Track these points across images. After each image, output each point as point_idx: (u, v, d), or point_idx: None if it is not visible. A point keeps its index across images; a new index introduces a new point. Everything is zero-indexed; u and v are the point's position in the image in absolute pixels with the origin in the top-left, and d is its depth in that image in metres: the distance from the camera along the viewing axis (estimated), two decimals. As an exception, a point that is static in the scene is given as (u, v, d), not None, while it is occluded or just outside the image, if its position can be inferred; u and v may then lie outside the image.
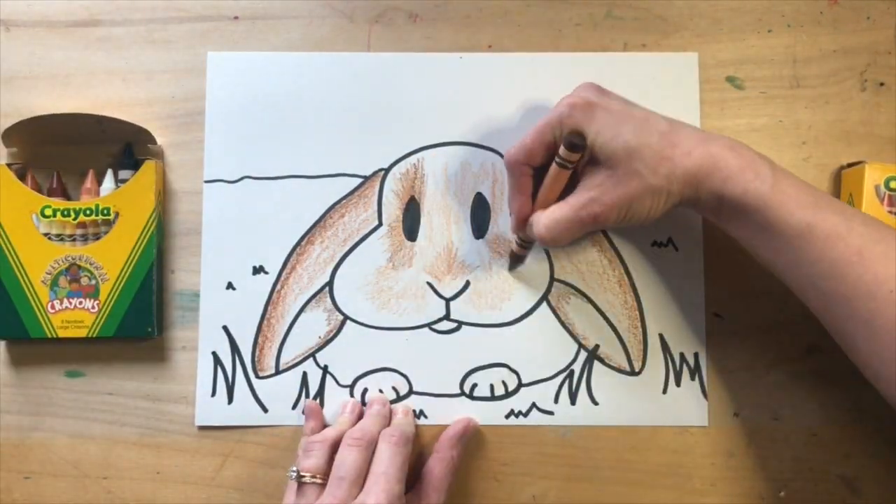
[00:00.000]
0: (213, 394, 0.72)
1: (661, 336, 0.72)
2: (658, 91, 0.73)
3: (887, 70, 0.74)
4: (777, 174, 0.60)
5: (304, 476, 0.64)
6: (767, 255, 0.62)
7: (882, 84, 0.74)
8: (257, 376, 0.72)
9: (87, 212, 0.70)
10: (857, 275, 0.57)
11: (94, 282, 0.70)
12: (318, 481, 0.64)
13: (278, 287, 0.72)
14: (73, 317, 0.70)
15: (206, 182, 0.73)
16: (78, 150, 0.73)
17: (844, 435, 0.72)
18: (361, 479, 0.64)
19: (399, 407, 0.72)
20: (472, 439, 0.72)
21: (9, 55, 0.74)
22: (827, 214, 0.58)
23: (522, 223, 0.68)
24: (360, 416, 0.71)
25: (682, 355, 0.72)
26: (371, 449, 0.65)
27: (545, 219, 0.65)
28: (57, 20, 0.74)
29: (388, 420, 0.71)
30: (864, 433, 0.72)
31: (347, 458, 0.64)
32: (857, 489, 0.71)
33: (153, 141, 0.72)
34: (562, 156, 0.63)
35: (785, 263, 0.61)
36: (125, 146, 0.72)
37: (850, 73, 0.74)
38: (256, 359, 0.72)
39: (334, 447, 0.66)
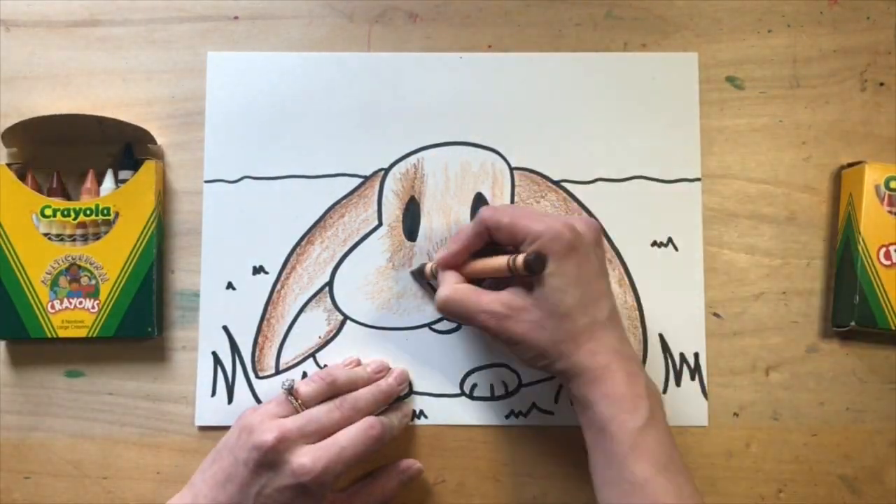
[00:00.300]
0: (213, 394, 0.72)
1: (660, 336, 0.72)
2: (658, 91, 0.74)
3: (887, 70, 0.74)
4: (652, 421, 0.60)
5: (293, 397, 0.66)
6: (598, 479, 0.62)
7: (882, 84, 0.74)
8: (257, 376, 0.72)
9: (87, 212, 0.70)
10: None
11: (94, 282, 0.70)
12: (298, 407, 0.65)
13: (278, 287, 0.72)
14: (73, 317, 0.70)
15: (206, 182, 0.73)
16: (77, 150, 0.73)
17: (844, 435, 0.72)
18: (325, 435, 0.64)
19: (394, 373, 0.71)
20: (472, 443, 0.72)
21: (9, 55, 0.74)
22: (666, 481, 0.59)
23: (446, 266, 0.67)
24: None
25: (681, 355, 0.72)
26: (351, 421, 0.66)
27: (451, 291, 0.65)
28: (57, 20, 0.74)
29: (392, 398, 0.70)
30: (864, 433, 0.72)
31: (326, 414, 0.65)
32: (857, 489, 0.71)
33: (153, 141, 0.72)
34: (517, 265, 0.61)
35: (608, 496, 0.61)
36: (125, 146, 0.72)
37: (850, 73, 0.74)
38: (256, 359, 0.72)
39: (332, 395, 0.67)
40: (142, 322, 0.71)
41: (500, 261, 0.63)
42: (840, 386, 0.72)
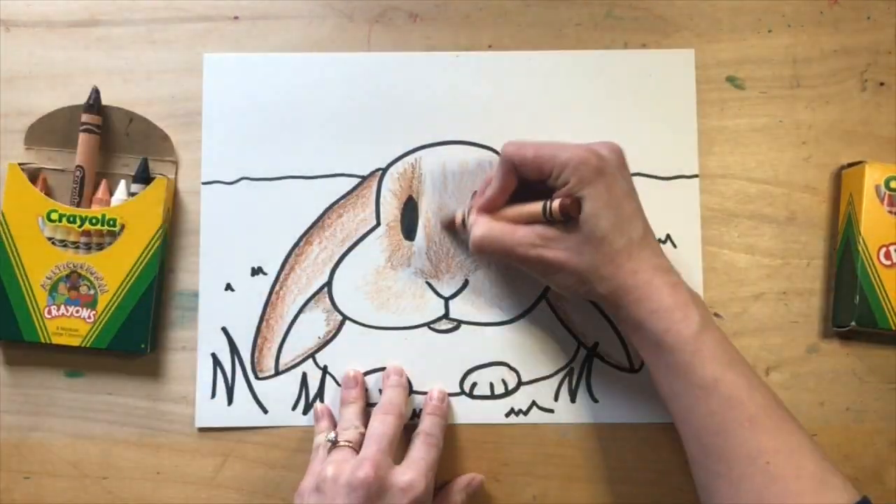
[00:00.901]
0: (213, 395, 0.72)
1: (660, 335, 0.72)
2: (655, 88, 0.74)
3: (887, 70, 0.74)
4: (704, 324, 0.61)
5: (340, 442, 0.65)
6: (667, 394, 0.63)
7: (882, 84, 0.74)
8: (257, 377, 0.72)
9: (94, 220, 0.70)
10: (742, 439, 0.58)
11: (92, 292, 0.70)
12: (354, 447, 0.65)
13: (277, 288, 0.72)
14: (69, 324, 0.70)
15: (204, 183, 0.73)
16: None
17: (844, 435, 0.72)
18: (394, 446, 0.65)
19: (434, 394, 0.71)
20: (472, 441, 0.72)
21: (9, 55, 0.74)
22: (736, 376, 0.60)
23: (489, 210, 0.67)
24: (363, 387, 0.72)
25: (681, 354, 0.72)
26: (402, 419, 0.67)
27: (486, 230, 0.66)
28: (57, 20, 0.74)
29: (406, 388, 0.71)
30: (864, 433, 0.72)
31: (381, 426, 0.65)
32: (857, 489, 0.71)
33: (171, 152, 0.73)
34: (553, 210, 0.63)
35: (682, 407, 0.61)
36: (142, 160, 0.72)
37: (850, 73, 0.74)
38: (256, 360, 0.72)
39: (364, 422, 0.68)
40: (135, 338, 0.71)
41: (534, 207, 0.64)
42: (840, 386, 0.72)
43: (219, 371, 0.72)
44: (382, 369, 0.72)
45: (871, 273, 0.69)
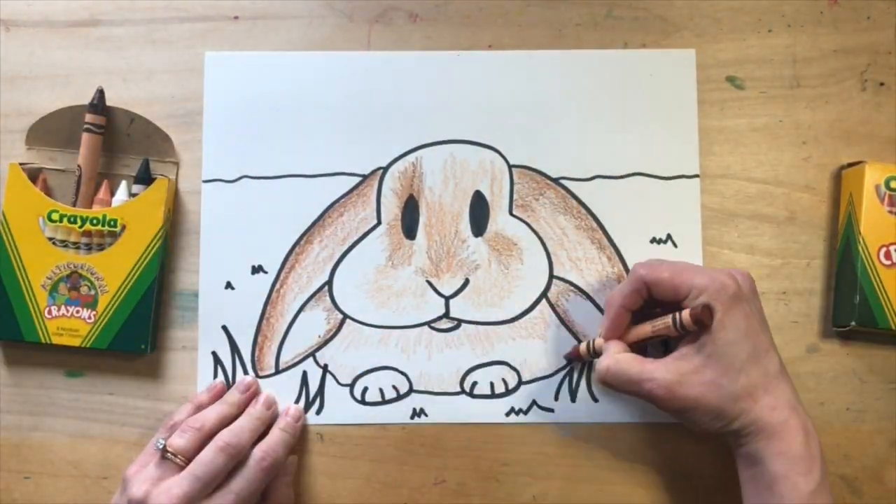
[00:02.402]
0: (213, 394, 0.72)
1: (661, 334, 0.72)
2: (655, 88, 0.74)
3: (887, 70, 0.74)
4: (823, 484, 0.60)
5: (168, 453, 0.63)
6: None
7: (882, 84, 0.74)
8: (257, 376, 0.72)
9: (94, 221, 0.70)
10: None
11: (93, 292, 0.70)
12: (180, 462, 0.63)
13: (277, 286, 0.72)
14: (69, 325, 0.70)
15: (205, 182, 0.73)
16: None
17: (844, 435, 0.72)
18: (217, 483, 0.63)
19: (291, 411, 0.70)
20: (473, 439, 0.72)
21: (9, 55, 0.74)
22: None
23: (614, 334, 0.67)
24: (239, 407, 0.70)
25: (681, 354, 0.72)
26: (238, 458, 0.64)
27: (612, 361, 0.64)
28: (57, 20, 0.74)
29: (267, 424, 0.69)
30: (864, 433, 0.72)
31: (212, 462, 0.63)
32: (857, 489, 0.71)
33: (172, 152, 0.73)
34: (684, 321, 0.61)
35: None
36: (143, 161, 0.72)
37: (850, 73, 0.74)
38: (256, 358, 0.72)
39: (208, 437, 0.65)
40: (136, 338, 0.71)
41: (663, 321, 0.63)
42: (840, 386, 0.72)
43: (219, 369, 0.72)
44: (382, 368, 0.72)
45: (871, 273, 0.69)
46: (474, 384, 0.72)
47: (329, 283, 0.73)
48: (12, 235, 0.70)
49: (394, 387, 0.72)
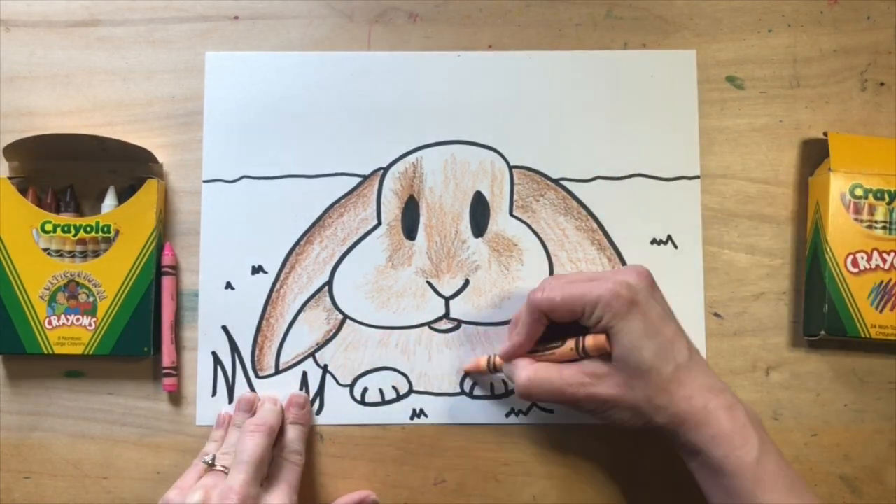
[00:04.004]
0: (214, 394, 0.72)
1: (661, 335, 0.72)
2: (656, 89, 0.74)
3: (887, 70, 0.74)
4: (764, 448, 0.60)
5: (215, 465, 0.64)
6: None
7: (882, 84, 0.74)
8: (257, 376, 0.72)
9: (88, 228, 0.70)
10: None
11: (91, 299, 0.70)
12: (227, 472, 0.63)
13: (277, 287, 0.72)
14: (70, 333, 0.70)
15: (205, 182, 0.73)
16: (79, 165, 0.73)
17: (844, 435, 0.72)
18: (265, 466, 0.64)
19: (293, 400, 0.71)
20: (472, 438, 0.72)
21: (9, 55, 0.74)
22: (798, 502, 0.59)
23: (512, 358, 0.67)
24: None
25: (681, 354, 0.72)
26: (272, 436, 0.66)
27: (531, 373, 0.65)
28: (57, 20, 0.74)
29: (280, 417, 0.69)
30: (864, 433, 0.72)
31: (251, 442, 0.64)
32: (857, 489, 0.71)
33: (154, 159, 0.72)
34: (586, 348, 0.63)
35: None
36: (129, 186, 0.72)
37: (850, 73, 0.74)
38: (256, 358, 0.72)
39: None
40: (138, 341, 0.71)
41: (566, 347, 0.64)
42: (840, 386, 0.72)
43: (219, 370, 0.72)
44: (382, 369, 0.72)
45: (838, 281, 0.69)
46: (474, 385, 0.72)
47: (329, 283, 0.73)
48: (7, 249, 0.70)
49: (394, 387, 0.72)
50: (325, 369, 0.72)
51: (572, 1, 0.75)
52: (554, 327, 0.66)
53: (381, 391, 0.72)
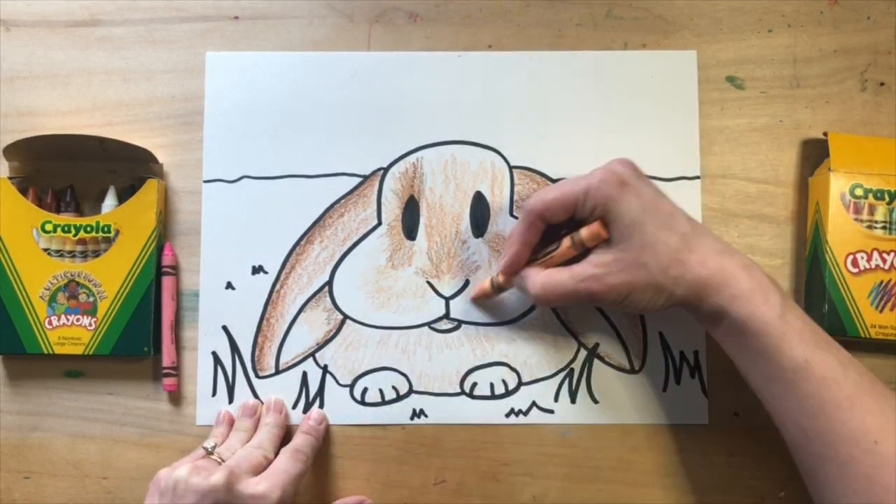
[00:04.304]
0: (214, 393, 0.72)
1: (660, 334, 0.72)
2: (657, 89, 0.74)
3: (887, 70, 0.74)
4: (786, 304, 0.60)
5: (212, 453, 0.65)
6: (757, 381, 0.62)
7: (882, 84, 0.74)
8: (257, 376, 0.72)
9: (88, 228, 0.70)
10: (844, 419, 0.57)
11: (92, 299, 0.70)
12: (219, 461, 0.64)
13: (278, 287, 0.72)
14: (70, 333, 0.70)
15: (206, 182, 0.73)
16: (78, 165, 0.73)
17: (845, 435, 0.72)
18: (295, 483, 0.64)
19: (313, 414, 0.71)
20: (471, 439, 0.72)
21: (9, 55, 0.74)
22: (826, 355, 0.58)
23: (512, 270, 0.68)
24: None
25: (681, 353, 0.72)
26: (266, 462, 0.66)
27: (544, 279, 0.65)
28: (57, 20, 0.74)
29: (284, 428, 0.70)
30: (864, 433, 0.72)
31: (251, 453, 0.65)
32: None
33: (155, 160, 0.72)
34: (581, 239, 0.63)
35: (774, 393, 0.60)
36: (130, 186, 0.72)
37: (850, 73, 0.74)
38: (256, 358, 0.72)
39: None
40: (138, 341, 0.71)
41: (566, 243, 0.65)
42: (840, 386, 0.72)
43: (219, 369, 0.72)
44: (383, 369, 0.72)
45: (838, 281, 0.69)
46: (474, 385, 0.72)
47: (329, 283, 0.73)
48: (7, 250, 0.70)
49: (394, 387, 0.72)
50: (325, 369, 0.72)
51: (572, 1, 0.75)
52: (549, 238, 0.66)
53: (381, 391, 0.72)
